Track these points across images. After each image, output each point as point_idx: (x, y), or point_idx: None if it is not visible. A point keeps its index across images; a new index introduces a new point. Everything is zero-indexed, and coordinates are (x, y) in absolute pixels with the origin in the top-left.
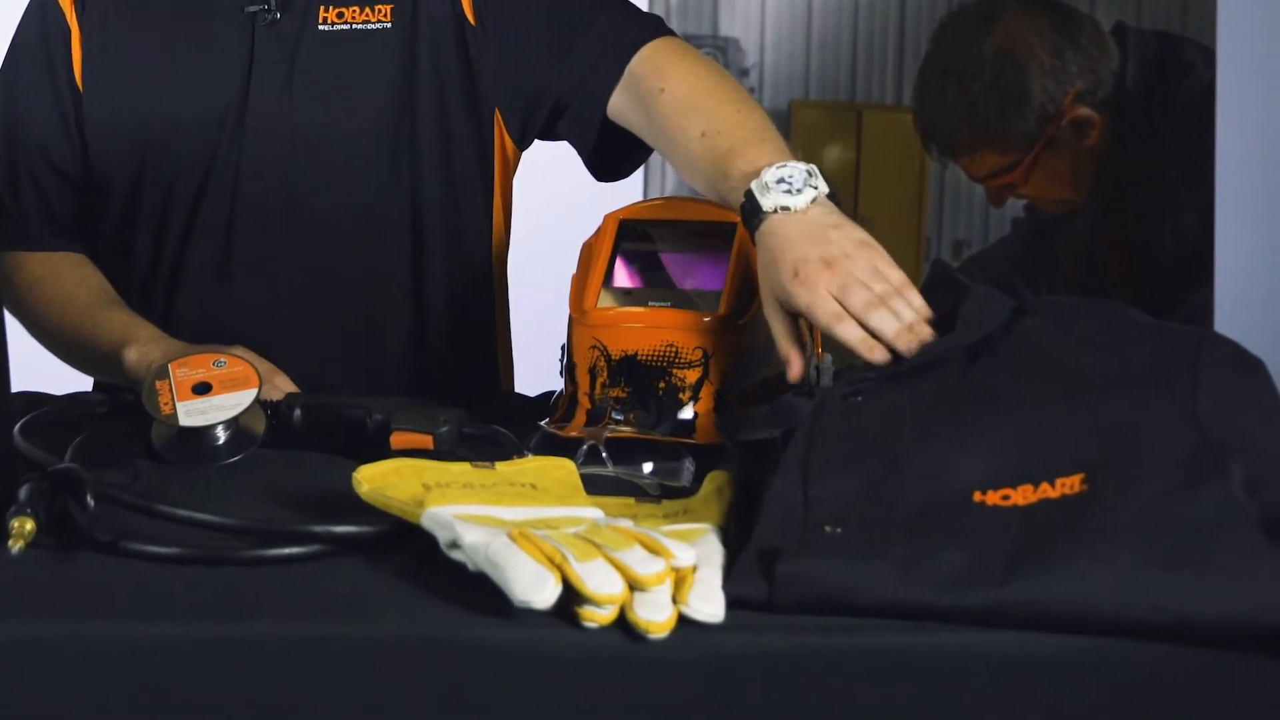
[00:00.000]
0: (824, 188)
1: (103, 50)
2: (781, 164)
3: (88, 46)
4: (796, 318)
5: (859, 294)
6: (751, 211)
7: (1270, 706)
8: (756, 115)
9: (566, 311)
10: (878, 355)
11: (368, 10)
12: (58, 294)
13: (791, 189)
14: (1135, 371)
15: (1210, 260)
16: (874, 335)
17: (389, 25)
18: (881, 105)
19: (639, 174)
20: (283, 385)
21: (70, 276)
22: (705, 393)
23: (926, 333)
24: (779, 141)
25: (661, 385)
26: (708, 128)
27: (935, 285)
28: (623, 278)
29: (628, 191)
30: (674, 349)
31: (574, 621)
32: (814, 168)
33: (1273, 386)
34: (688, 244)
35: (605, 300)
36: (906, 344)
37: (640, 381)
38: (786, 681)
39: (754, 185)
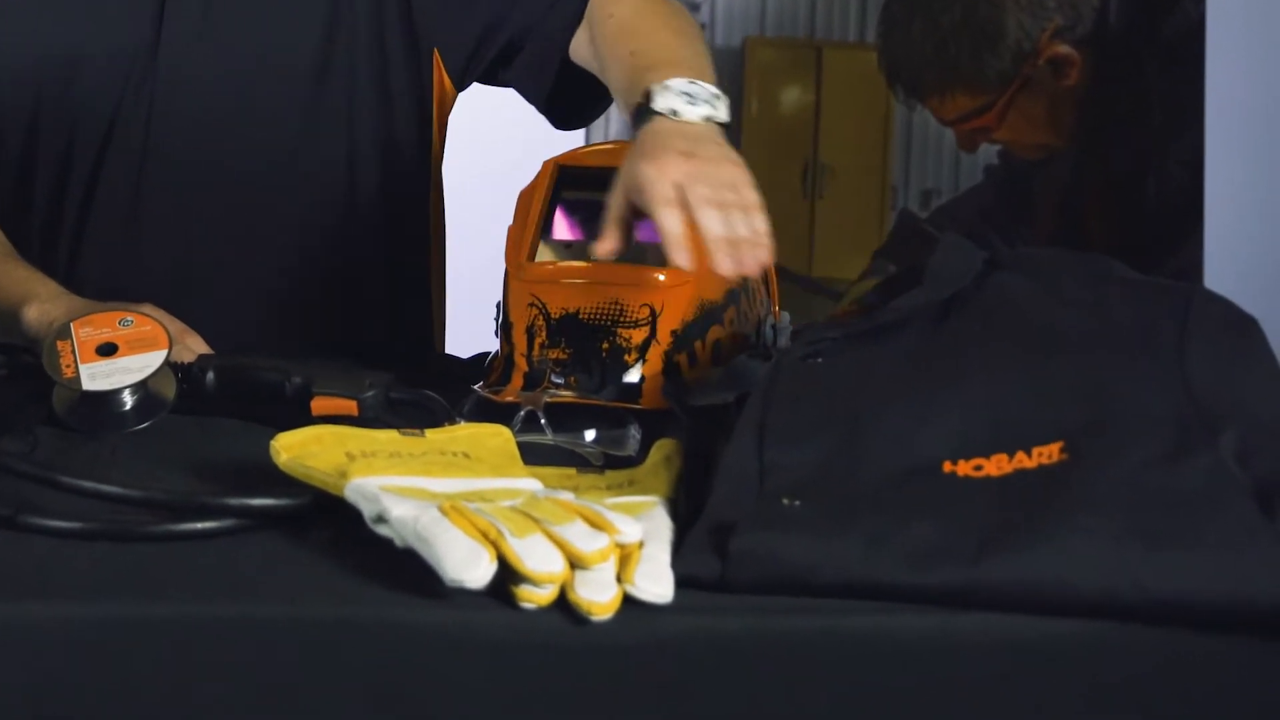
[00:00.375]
0: (723, 115)
1: None
2: (693, 80)
3: None
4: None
5: (701, 190)
6: (642, 111)
7: (1263, 694)
8: (693, 45)
9: (502, 266)
10: (680, 258)
11: None
12: None
13: (692, 100)
14: (1118, 331)
15: (1199, 210)
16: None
17: None
18: (843, 43)
19: None
20: (195, 346)
21: None
22: (653, 354)
23: (752, 257)
24: (705, 70)
25: (605, 346)
26: (637, 47)
27: (902, 237)
28: (563, 229)
29: (569, 135)
30: (619, 306)
31: (510, 602)
32: (725, 98)
33: (1267, 347)
34: None
35: (544, 254)
36: (725, 254)
37: (582, 342)
38: (741, 667)
39: (655, 87)
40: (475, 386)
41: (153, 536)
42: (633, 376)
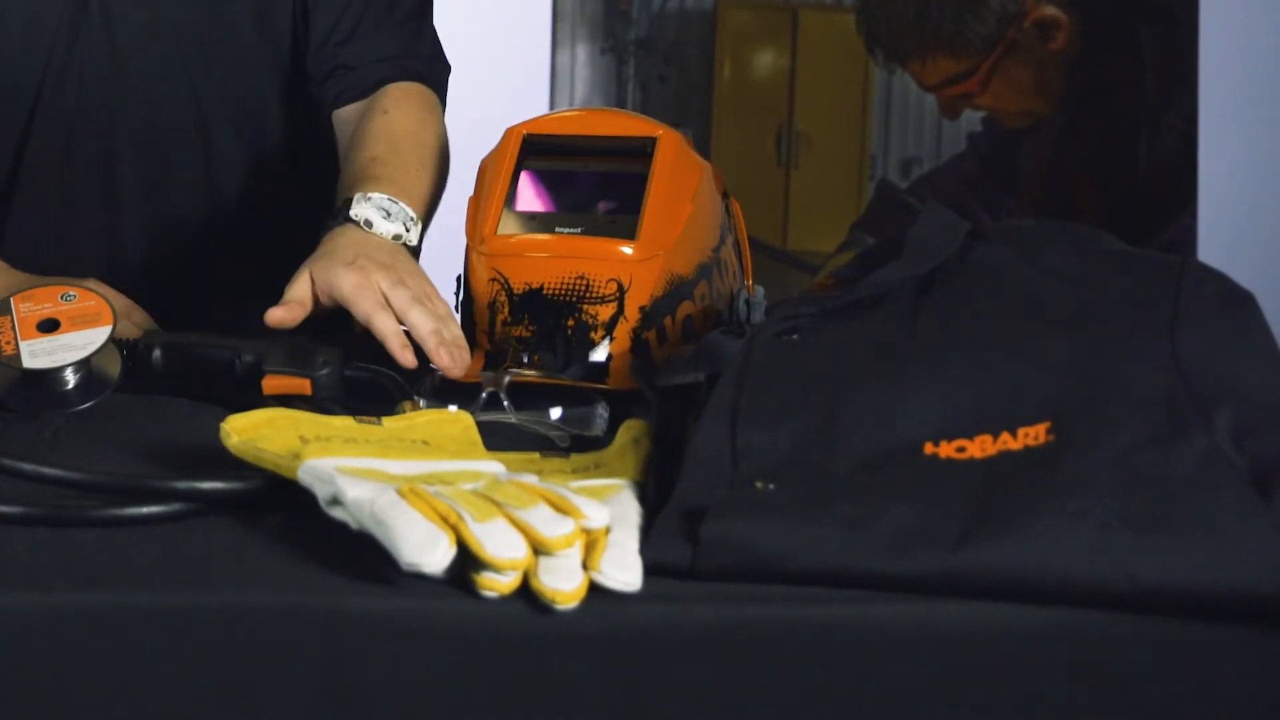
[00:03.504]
0: (413, 239)
1: None
2: (395, 200)
3: None
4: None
5: (404, 293)
6: (337, 212)
7: (1259, 686)
8: (427, 180)
9: (463, 239)
10: (408, 357)
11: None
12: None
13: (388, 216)
14: (1108, 306)
15: (1192, 180)
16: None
17: None
18: (820, 5)
19: (544, 83)
20: (140, 322)
21: None
22: (620, 331)
23: (463, 356)
24: (419, 199)
25: (571, 323)
26: (379, 154)
27: (881, 208)
28: (527, 200)
29: (535, 104)
30: (585, 281)
31: (470, 590)
32: (420, 224)
33: (1263, 323)
34: (601, 161)
35: (507, 226)
36: (437, 345)
37: (547, 319)
38: (712, 658)
39: (357, 196)
40: (434, 365)
41: (96, 522)
42: (599, 355)
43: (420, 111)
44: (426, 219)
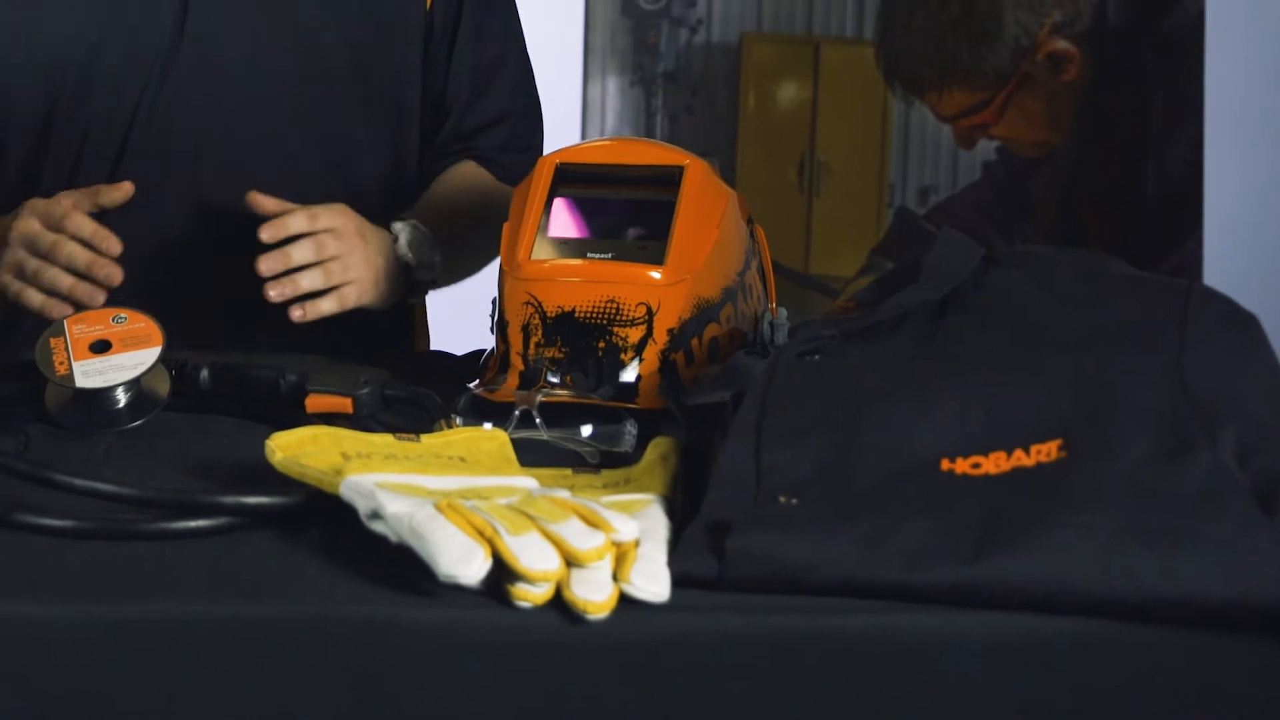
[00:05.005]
0: (406, 257)
1: None
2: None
3: None
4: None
5: (320, 239)
6: None
7: (1264, 693)
8: (466, 228)
9: (498, 263)
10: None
11: None
12: None
13: (414, 241)
14: (1117, 328)
15: (1198, 205)
16: None
17: None
18: (841, 39)
19: (575, 114)
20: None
21: None
22: (649, 352)
23: (284, 291)
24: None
25: (601, 345)
26: (437, 199)
27: (899, 234)
28: (560, 226)
29: (567, 134)
30: (615, 305)
31: (505, 601)
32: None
33: (1267, 344)
34: (631, 189)
35: (540, 251)
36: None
37: (578, 340)
38: (738, 666)
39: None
40: (470, 385)
41: (146, 535)
42: (629, 375)
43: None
44: (450, 269)
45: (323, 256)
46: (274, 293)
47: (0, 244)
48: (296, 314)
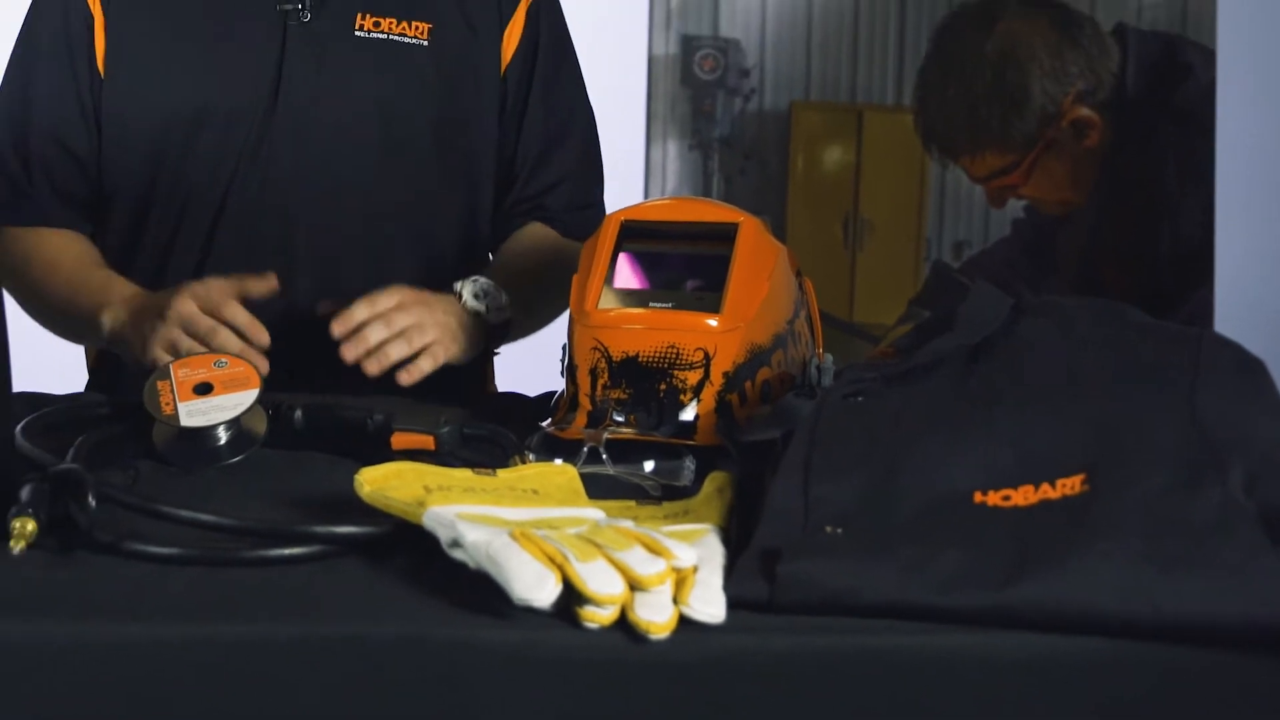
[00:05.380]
0: (479, 310)
1: (127, 39)
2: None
3: (112, 34)
4: None
5: (388, 317)
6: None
7: (1271, 706)
8: (531, 284)
9: (567, 312)
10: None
11: (405, 24)
12: (46, 265)
13: (481, 295)
14: (1135, 372)
15: (1210, 261)
16: None
17: (425, 43)
18: (882, 106)
19: (639, 175)
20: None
21: (59, 243)
22: (706, 394)
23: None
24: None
25: (662, 386)
26: (508, 256)
27: (935, 285)
28: (624, 278)
29: (631, 194)
30: (675, 350)
31: (574, 622)
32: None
33: (1273, 387)
34: (690, 244)
35: (607, 301)
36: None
37: (641, 383)
38: (788, 683)
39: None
40: (542, 423)
41: (245, 562)
42: (688, 415)
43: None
44: (523, 315)
45: (397, 329)
46: (373, 369)
47: (148, 317)
48: (404, 379)
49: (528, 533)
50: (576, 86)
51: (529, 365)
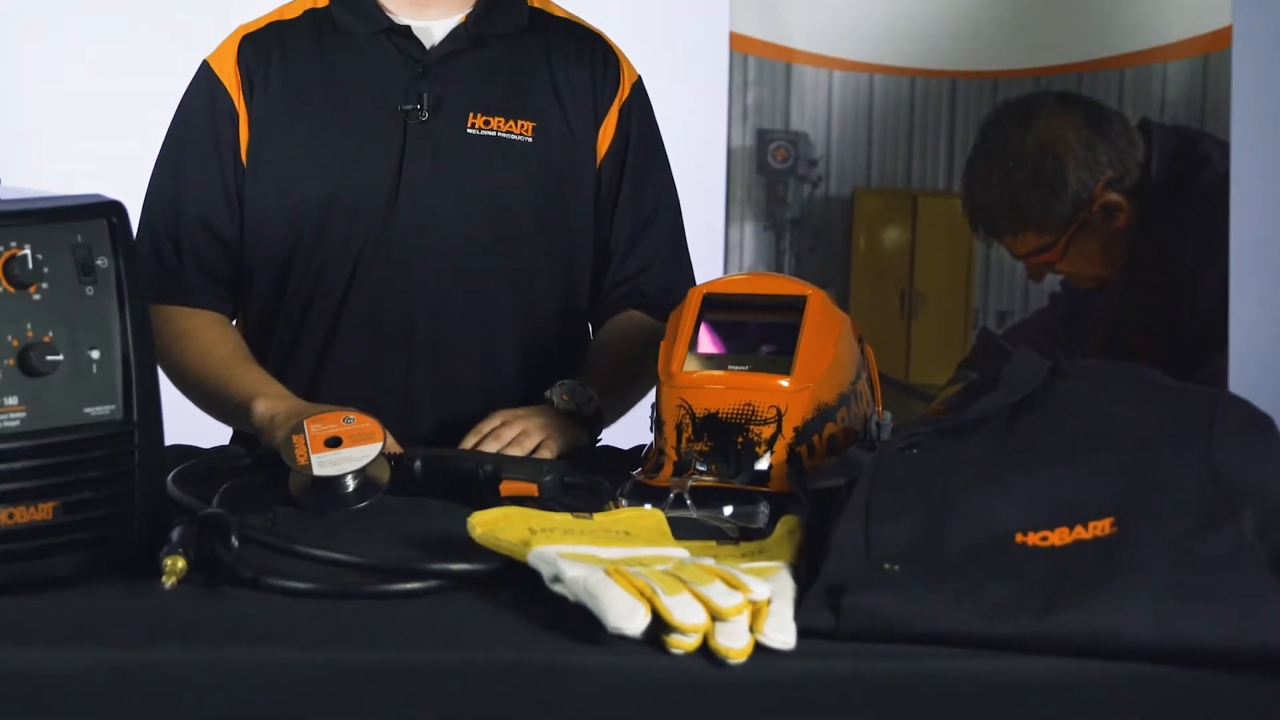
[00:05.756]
0: (574, 408)
1: (268, 133)
2: (584, 389)
3: (254, 129)
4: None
5: (500, 432)
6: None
7: None
8: (615, 375)
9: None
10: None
11: (511, 123)
12: (199, 348)
13: (569, 398)
14: (1158, 427)
15: (1225, 329)
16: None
17: (530, 139)
18: (935, 192)
19: (719, 252)
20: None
21: (213, 333)
22: (779, 446)
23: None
24: (604, 390)
25: (740, 440)
26: (594, 353)
27: (982, 351)
28: (706, 344)
29: (712, 269)
30: (751, 408)
31: (662, 648)
32: (594, 406)
33: None
34: (764, 314)
35: (690, 364)
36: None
37: (721, 436)
38: (851, 702)
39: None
40: (633, 473)
41: (370, 595)
42: (762, 465)
43: (650, 330)
44: (615, 400)
45: (507, 441)
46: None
47: (292, 421)
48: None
49: (620, 569)
50: (664, 177)
51: (621, 421)
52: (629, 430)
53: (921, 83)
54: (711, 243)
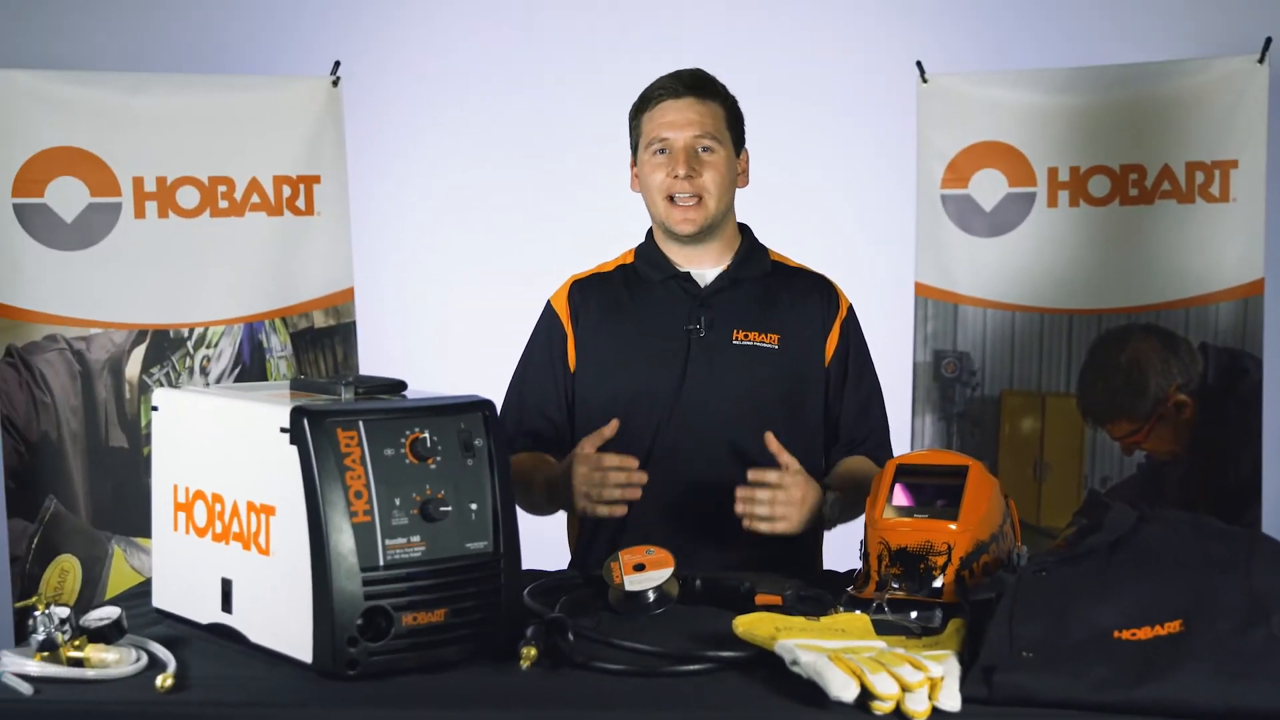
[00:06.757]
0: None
1: (589, 348)
2: (836, 500)
3: (579, 345)
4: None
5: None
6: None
7: None
8: (864, 490)
9: (863, 517)
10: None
11: (763, 335)
12: (526, 469)
13: (829, 503)
14: (1213, 556)
15: (1259, 489)
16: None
17: (776, 347)
18: (1058, 393)
19: (906, 436)
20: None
21: (536, 461)
22: (949, 570)
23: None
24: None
25: (922, 565)
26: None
27: (1090, 504)
28: (899, 498)
29: (899, 446)
30: (929, 544)
31: (868, 711)
32: (836, 510)
33: None
34: (938, 478)
35: (888, 513)
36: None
37: (909, 563)
38: None
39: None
40: (848, 589)
41: (666, 674)
42: (938, 583)
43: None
44: (847, 508)
45: (773, 502)
46: (740, 508)
47: (567, 481)
48: (746, 523)
49: (839, 655)
50: (872, 375)
51: (840, 552)
52: (845, 558)
53: (1049, 318)
54: (900, 430)
